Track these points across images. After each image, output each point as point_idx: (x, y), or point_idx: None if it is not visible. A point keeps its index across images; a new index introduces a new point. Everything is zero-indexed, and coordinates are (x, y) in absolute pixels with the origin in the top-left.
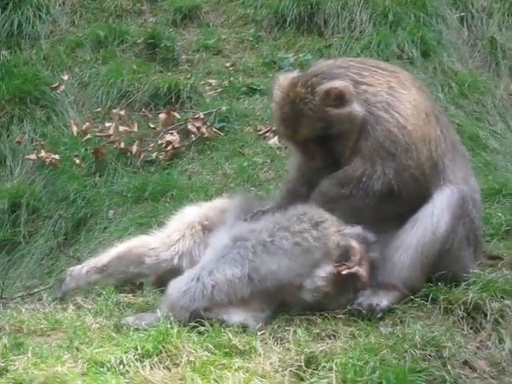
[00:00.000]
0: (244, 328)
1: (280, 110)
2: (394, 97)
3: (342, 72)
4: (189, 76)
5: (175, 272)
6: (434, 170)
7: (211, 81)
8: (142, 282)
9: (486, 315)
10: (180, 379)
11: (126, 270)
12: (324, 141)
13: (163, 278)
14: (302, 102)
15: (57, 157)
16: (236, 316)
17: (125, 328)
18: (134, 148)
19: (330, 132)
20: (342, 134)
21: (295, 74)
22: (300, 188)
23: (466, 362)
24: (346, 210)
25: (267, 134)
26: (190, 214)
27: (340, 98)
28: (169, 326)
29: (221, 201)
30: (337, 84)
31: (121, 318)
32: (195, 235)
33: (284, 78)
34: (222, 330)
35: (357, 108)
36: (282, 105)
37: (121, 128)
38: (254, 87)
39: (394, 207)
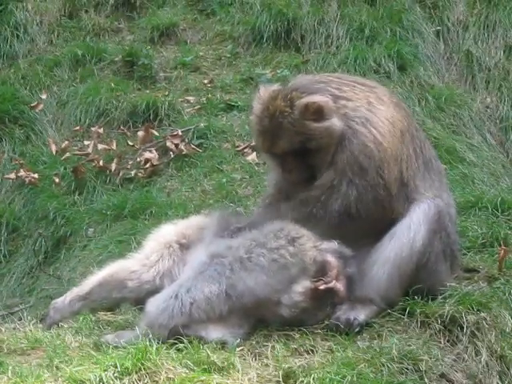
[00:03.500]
0: (222, 344)
1: (259, 122)
2: (373, 112)
3: (322, 87)
4: (167, 93)
5: (157, 292)
6: (402, 190)
7: (189, 98)
8: None
9: (462, 328)
10: None
11: (109, 295)
12: (302, 155)
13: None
14: (281, 116)
15: (36, 176)
16: (214, 332)
17: (104, 346)
18: (113, 166)
19: (308, 146)
20: (321, 148)
21: (276, 87)
22: (277, 204)
23: (443, 375)
24: (313, 230)
25: (245, 150)
26: (167, 233)
27: (319, 113)
28: (148, 343)
29: (197, 218)
30: (316, 98)
31: (100, 336)
32: (173, 254)
33: (264, 91)
34: (201, 347)
35: (335, 123)
36: (261, 118)
37: (99, 146)
38: (232, 103)
39: (355, 227)
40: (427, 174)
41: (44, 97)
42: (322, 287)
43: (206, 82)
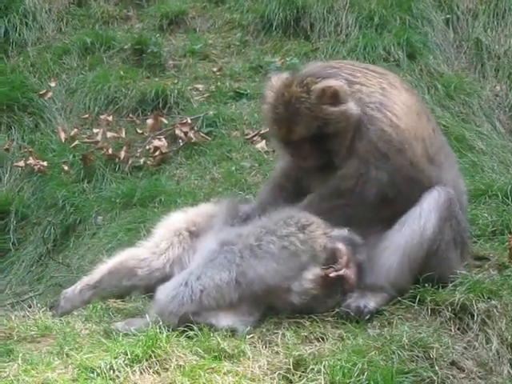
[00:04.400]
0: (233, 332)
1: (273, 110)
2: (387, 97)
3: (336, 72)
4: (176, 81)
5: (167, 280)
6: (432, 164)
7: (198, 86)
8: None
9: (472, 316)
10: (169, 383)
11: (119, 284)
12: (318, 140)
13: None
14: (297, 102)
15: (45, 163)
16: (225, 320)
17: (114, 333)
18: (122, 154)
19: (325, 131)
20: (338, 132)
21: (287, 74)
22: (283, 190)
23: (453, 363)
24: (341, 218)
25: (255, 138)
26: (176, 220)
27: (335, 97)
28: (158, 330)
29: (207, 206)
30: (332, 83)
31: (110, 324)
32: (183, 242)
33: (277, 79)
34: (211, 334)
35: (352, 106)
36: (275, 105)
37: (109, 134)
38: (241, 92)
39: (390, 209)
40: (447, 153)
41: (53, 85)
42: (332, 274)
43: (215, 69)
